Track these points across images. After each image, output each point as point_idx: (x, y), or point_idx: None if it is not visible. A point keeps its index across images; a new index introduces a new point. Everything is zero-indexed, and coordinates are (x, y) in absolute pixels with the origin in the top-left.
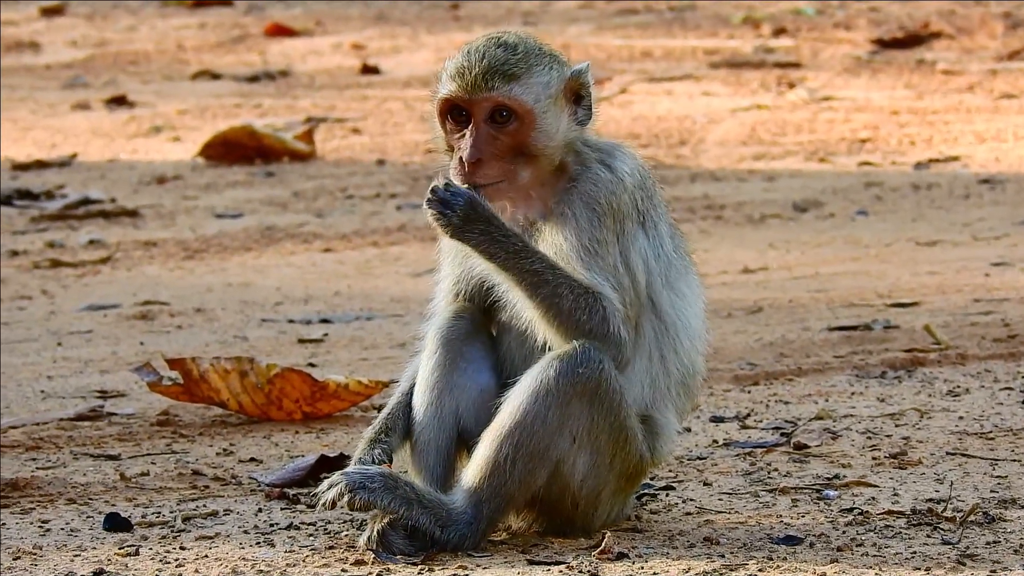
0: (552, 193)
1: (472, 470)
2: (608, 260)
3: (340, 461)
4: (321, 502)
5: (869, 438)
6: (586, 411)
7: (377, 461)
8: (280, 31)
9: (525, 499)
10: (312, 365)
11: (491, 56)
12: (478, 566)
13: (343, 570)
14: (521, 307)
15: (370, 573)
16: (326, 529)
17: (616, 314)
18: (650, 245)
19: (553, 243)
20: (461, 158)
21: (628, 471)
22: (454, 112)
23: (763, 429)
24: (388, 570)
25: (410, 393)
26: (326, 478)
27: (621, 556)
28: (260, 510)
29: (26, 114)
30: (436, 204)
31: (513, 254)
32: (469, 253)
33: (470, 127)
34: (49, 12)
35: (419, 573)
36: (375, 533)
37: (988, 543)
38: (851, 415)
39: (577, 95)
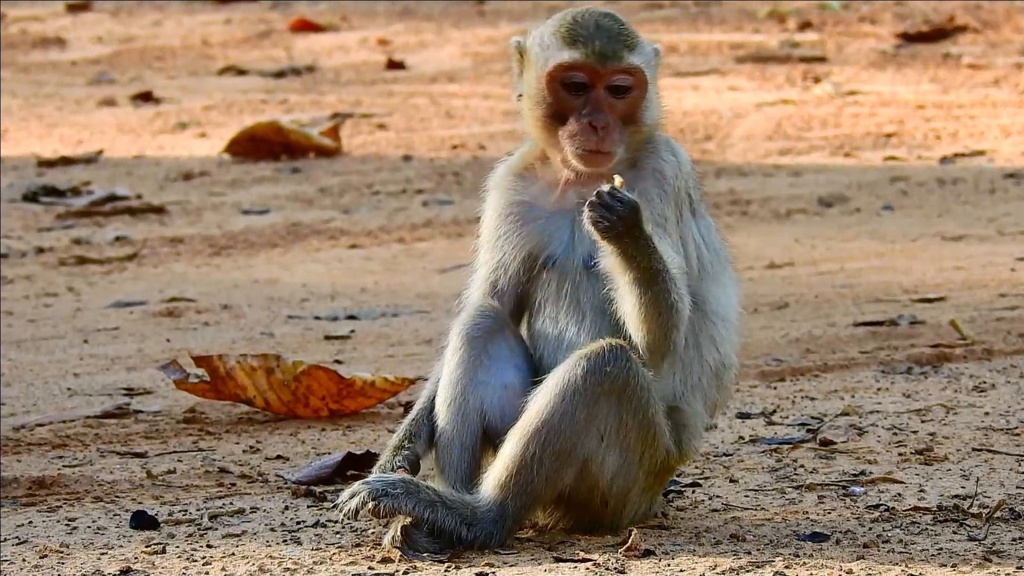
0: (618, 171)
1: (498, 468)
2: (673, 239)
3: (367, 459)
4: (344, 512)
5: (895, 434)
6: (614, 410)
7: (399, 467)
8: (306, 26)
9: (551, 497)
10: (338, 362)
11: (607, 25)
12: (504, 563)
13: (370, 568)
14: (627, 299)
15: (397, 571)
16: (353, 527)
17: (687, 302)
18: (700, 234)
19: None
20: (591, 123)
21: (656, 468)
22: (572, 80)
23: (789, 425)
24: (415, 568)
25: (435, 397)
26: (352, 479)
27: (648, 553)
28: (287, 508)
29: (52, 110)
30: (599, 208)
31: (648, 256)
32: (604, 251)
33: (591, 94)
34: (75, 8)
35: (446, 571)
36: (399, 532)
37: (1014, 539)
38: (877, 411)
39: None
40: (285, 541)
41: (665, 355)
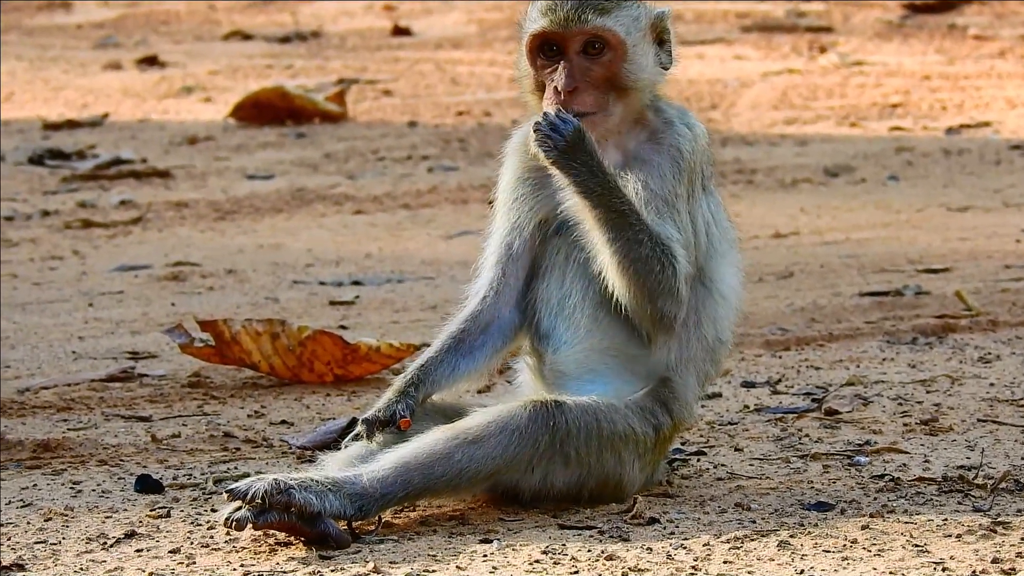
0: (634, 142)
1: (406, 452)
2: (681, 216)
3: None
4: (224, 522)
5: (900, 404)
6: (558, 460)
7: (400, 415)
8: None
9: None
10: (343, 327)
11: None
12: (509, 530)
13: (370, 530)
14: (599, 249)
15: (389, 537)
16: None
17: (682, 270)
18: (710, 210)
19: (634, 187)
20: (556, 87)
21: (646, 448)
22: (545, 48)
23: (794, 395)
24: (418, 534)
25: (446, 347)
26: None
27: (652, 521)
28: (290, 471)
29: (58, 74)
30: (544, 127)
31: (608, 191)
32: (561, 185)
33: (563, 60)
34: None
35: (451, 531)
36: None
37: (1019, 510)
38: (882, 381)
39: (660, 38)
40: None
41: (656, 323)
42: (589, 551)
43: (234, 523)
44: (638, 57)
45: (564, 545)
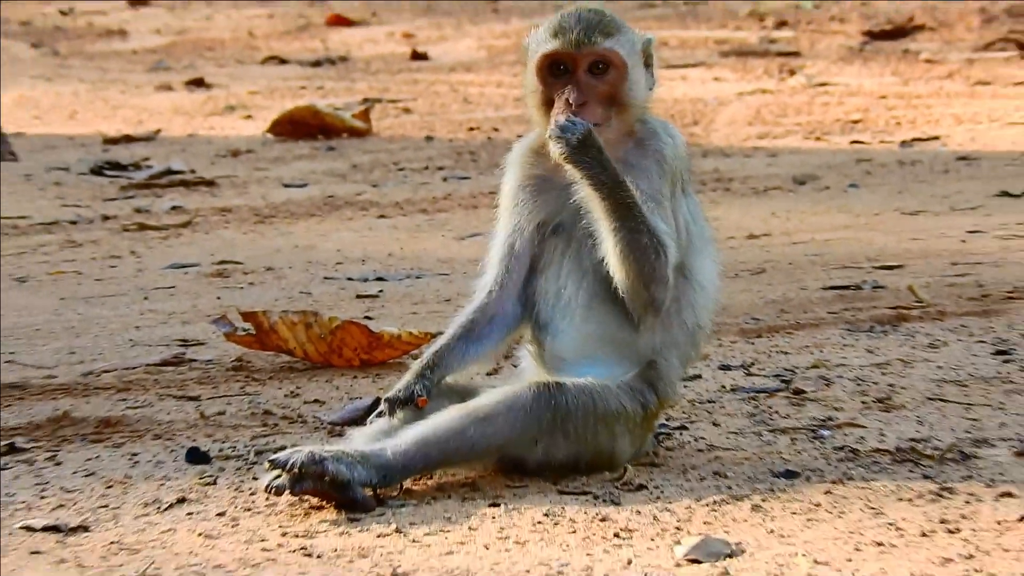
0: (624, 150)
1: (424, 428)
2: (667, 212)
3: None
4: (265, 488)
5: (858, 385)
6: (559, 435)
7: (418, 395)
8: (340, 21)
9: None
10: (368, 318)
11: (587, 17)
12: (514, 495)
13: (395, 496)
14: (605, 236)
15: (422, 500)
16: None
17: (670, 261)
18: (689, 210)
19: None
20: (568, 100)
21: (634, 426)
22: (555, 67)
23: (765, 376)
24: (434, 499)
25: (457, 335)
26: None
27: (641, 487)
28: (323, 444)
29: (115, 94)
30: (557, 131)
31: (616, 184)
32: (574, 179)
33: (572, 77)
34: (135, 3)
35: (464, 496)
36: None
37: (963, 477)
38: (843, 364)
39: (646, 62)
40: None
41: (647, 306)
42: (585, 513)
43: (274, 489)
44: (634, 77)
45: (563, 508)
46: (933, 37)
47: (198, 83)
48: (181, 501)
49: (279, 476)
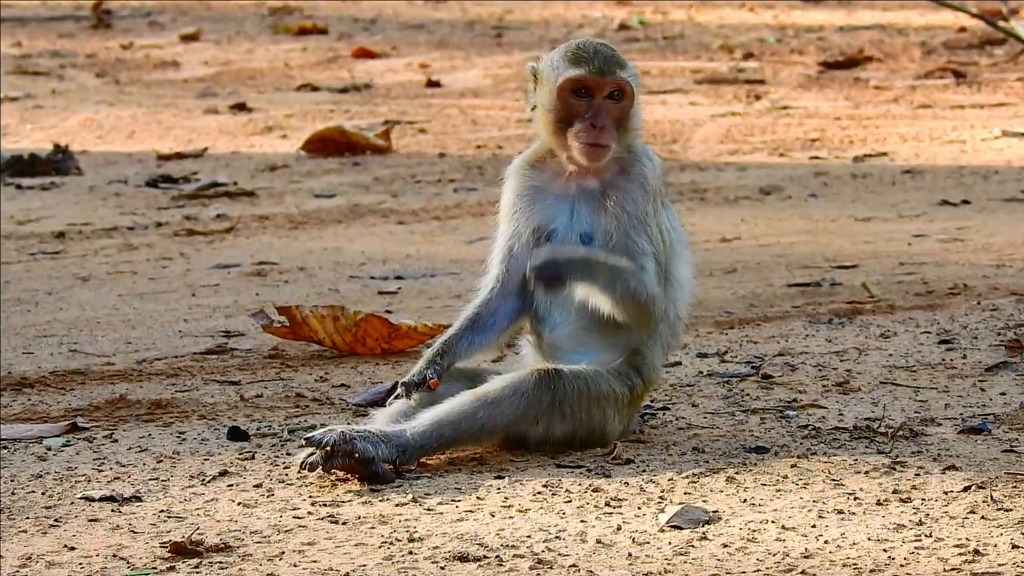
0: (611, 174)
1: (440, 412)
2: (652, 229)
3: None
4: (300, 464)
5: (820, 370)
6: (557, 414)
7: (430, 378)
8: (364, 54)
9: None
10: (389, 312)
11: (603, 49)
12: (516, 468)
13: (412, 469)
14: (601, 302)
15: (435, 473)
16: None
17: (653, 277)
18: (667, 220)
19: (614, 210)
20: (592, 123)
21: (622, 407)
22: (578, 91)
23: (738, 363)
24: (446, 472)
25: (464, 326)
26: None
27: (628, 461)
28: (348, 424)
29: (168, 117)
30: (539, 273)
31: (599, 275)
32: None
33: (592, 102)
34: (187, 38)
35: (472, 470)
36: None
37: (913, 452)
38: (805, 352)
39: None
40: None
41: (653, 327)
42: (580, 484)
43: (308, 465)
44: (638, 105)
45: (560, 480)
46: (880, 67)
47: (241, 107)
48: (223, 474)
49: (313, 454)
